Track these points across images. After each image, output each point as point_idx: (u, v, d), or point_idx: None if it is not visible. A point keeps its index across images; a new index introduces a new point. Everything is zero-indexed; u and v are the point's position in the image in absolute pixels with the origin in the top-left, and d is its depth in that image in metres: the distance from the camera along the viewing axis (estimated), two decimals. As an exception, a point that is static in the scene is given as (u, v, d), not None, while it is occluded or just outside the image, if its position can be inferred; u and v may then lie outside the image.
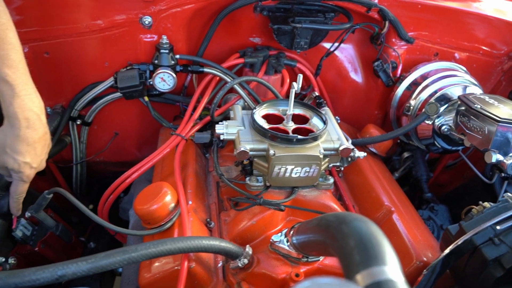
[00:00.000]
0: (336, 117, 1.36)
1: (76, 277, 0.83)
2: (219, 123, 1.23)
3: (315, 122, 1.26)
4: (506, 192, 1.06)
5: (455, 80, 1.47)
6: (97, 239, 1.73)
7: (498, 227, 0.91)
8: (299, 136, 1.14)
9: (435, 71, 1.54)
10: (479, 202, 0.99)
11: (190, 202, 1.18)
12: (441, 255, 0.92)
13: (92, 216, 1.12)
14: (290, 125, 1.23)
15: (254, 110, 1.24)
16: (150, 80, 1.44)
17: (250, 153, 1.14)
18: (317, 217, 0.86)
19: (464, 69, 1.58)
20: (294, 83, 1.15)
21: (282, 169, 1.14)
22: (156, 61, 1.41)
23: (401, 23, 1.51)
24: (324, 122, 1.23)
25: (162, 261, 1.03)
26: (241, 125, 1.23)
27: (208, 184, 1.37)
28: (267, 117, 1.27)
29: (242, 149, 1.12)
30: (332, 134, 1.22)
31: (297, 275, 1.02)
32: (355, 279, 0.56)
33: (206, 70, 1.47)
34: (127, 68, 1.45)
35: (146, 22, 1.39)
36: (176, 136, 1.37)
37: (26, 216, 1.27)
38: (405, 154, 1.70)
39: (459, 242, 0.91)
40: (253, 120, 1.20)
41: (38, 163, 1.08)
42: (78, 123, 1.56)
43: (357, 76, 1.74)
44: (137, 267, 1.19)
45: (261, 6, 1.44)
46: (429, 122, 1.43)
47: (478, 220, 0.92)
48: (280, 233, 1.07)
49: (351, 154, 1.20)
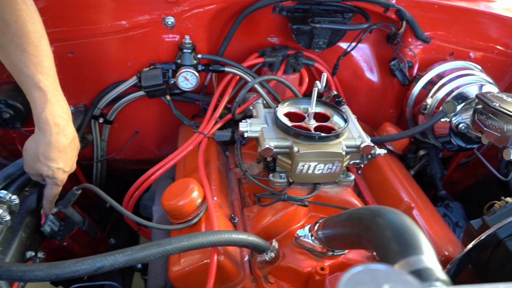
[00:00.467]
0: (353, 115, 1.38)
1: (112, 269, 0.86)
2: (242, 121, 1.25)
3: (336, 120, 1.29)
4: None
5: (471, 79, 1.49)
6: (117, 236, 1.76)
7: (522, 221, 0.94)
8: (322, 134, 1.17)
9: (451, 70, 1.56)
10: (501, 198, 1.01)
11: (215, 198, 1.21)
12: (465, 249, 0.95)
13: (123, 211, 1.16)
14: (312, 123, 1.26)
15: (276, 108, 1.27)
16: (172, 79, 1.47)
17: (274, 150, 1.17)
18: (345, 211, 0.89)
19: (480, 68, 1.60)
20: (317, 82, 1.18)
21: (306, 166, 1.16)
22: (178, 61, 1.44)
23: (418, 23, 1.53)
24: (345, 120, 1.26)
25: (191, 255, 1.06)
26: (264, 123, 1.25)
27: (230, 181, 1.40)
28: (289, 115, 1.29)
29: (266, 146, 1.15)
30: (353, 132, 1.25)
31: (322, 269, 1.04)
32: (394, 269, 0.59)
33: (227, 69, 1.50)
34: (150, 67, 1.48)
35: (169, 23, 1.42)
36: (198, 134, 1.40)
37: (53, 212, 1.30)
38: (421, 152, 1.72)
39: (483, 236, 0.93)
40: (276, 118, 1.23)
41: (70, 167, 1.12)
42: (100, 121, 1.60)
43: (372, 75, 1.77)
44: (163, 262, 1.22)
45: (280, 6, 1.47)
46: (444, 120, 1.45)
47: (502, 215, 0.95)
48: (304, 228, 1.10)
49: (372, 151, 1.23)
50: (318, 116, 1.30)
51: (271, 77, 1.47)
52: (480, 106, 1.34)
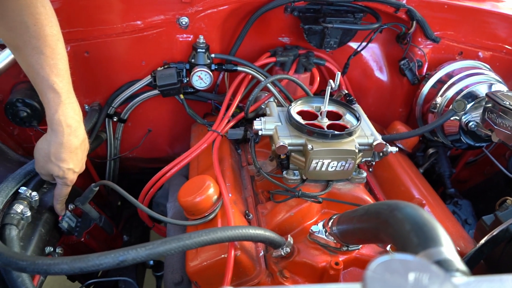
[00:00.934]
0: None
1: (134, 263, 0.89)
2: (256, 119, 1.28)
3: (349, 118, 1.31)
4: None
5: (480, 78, 1.51)
6: (129, 233, 1.79)
7: (534, 217, 0.96)
8: (335, 132, 1.19)
9: (460, 69, 1.58)
10: (513, 194, 1.03)
11: (230, 195, 1.23)
12: (478, 244, 0.97)
13: (142, 208, 1.18)
14: (325, 121, 1.28)
15: (289, 107, 1.29)
16: (186, 78, 1.50)
17: (288, 147, 1.19)
18: (361, 206, 0.91)
19: (488, 67, 1.62)
20: (330, 80, 1.20)
21: (319, 163, 1.18)
22: (193, 60, 1.47)
23: (428, 23, 1.55)
24: (357, 119, 1.28)
25: (208, 251, 1.08)
26: (278, 121, 1.27)
27: (243, 178, 1.43)
28: (302, 114, 1.31)
29: (281, 143, 1.17)
30: (365, 130, 1.27)
31: (336, 264, 1.06)
32: (414, 261, 0.61)
33: (239, 68, 1.53)
34: (165, 66, 1.50)
35: (183, 23, 1.44)
36: (212, 132, 1.43)
37: (70, 208, 1.33)
38: (430, 151, 1.74)
39: (496, 232, 0.95)
40: (290, 116, 1.25)
41: (79, 168, 1.15)
42: (114, 120, 1.62)
43: (382, 75, 1.79)
44: (180, 257, 1.24)
45: (292, 7, 1.49)
46: (454, 119, 1.47)
47: (514, 210, 0.97)
48: (318, 224, 1.12)
49: (384, 149, 1.25)
50: (330, 115, 1.32)
51: (284, 76, 1.49)
52: (490, 104, 1.36)
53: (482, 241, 0.96)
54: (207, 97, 1.64)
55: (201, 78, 1.48)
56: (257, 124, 1.25)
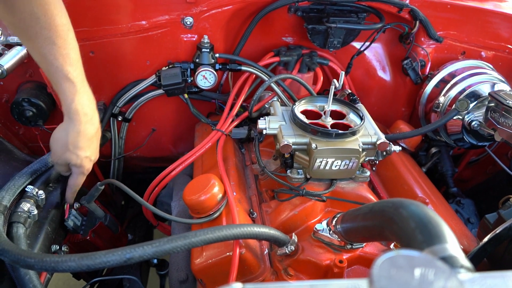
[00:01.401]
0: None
1: (141, 260, 0.89)
2: (260, 118, 1.28)
3: (352, 117, 1.32)
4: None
5: (483, 78, 1.52)
6: (133, 232, 1.80)
7: (537, 215, 0.97)
8: (339, 131, 1.20)
9: (463, 69, 1.59)
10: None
11: (234, 193, 1.24)
12: (482, 242, 0.98)
13: (149, 206, 1.19)
14: (329, 121, 1.29)
15: (294, 106, 1.30)
16: (190, 78, 1.51)
17: (293, 146, 1.20)
18: (366, 204, 0.91)
19: (491, 66, 1.63)
20: (334, 80, 1.21)
21: (323, 162, 1.19)
22: (197, 60, 1.48)
23: (431, 22, 1.56)
24: (361, 118, 1.29)
25: (213, 249, 1.09)
26: (282, 120, 1.28)
27: (247, 177, 1.44)
28: (306, 113, 1.32)
29: (285, 142, 1.18)
30: (369, 129, 1.28)
31: (340, 262, 1.07)
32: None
33: (243, 68, 1.54)
34: (169, 66, 1.51)
35: (188, 23, 1.45)
36: (216, 131, 1.44)
37: (75, 207, 1.34)
38: (433, 150, 1.75)
39: (499, 230, 0.96)
40: (294, 115, 1.26)
41: (95, 155, 1.16)
42: (119, 119, 1.63)
43: (385, 74, 1.79)
44: (185, 255, 1.25)
45: (296, 7, 1.50)
46: (457, 118, 1.48)
47: (517, 209, 0.97)
48: (322, 222, 1.13)
49: (387, 148, 1.26)
50: (334, 114, 1.33)
51: (288, 75, 1.50)
52: (493, 104, 1.36)
53: (485, 239, 0.97)
54: (211, 96, 1.65)
55: (206, 78, 1.49)
56: (261, 123, 1.26)
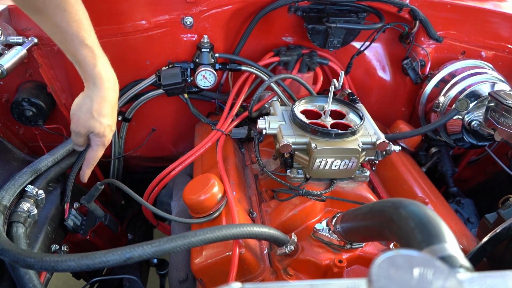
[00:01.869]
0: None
1: (140, 260, 0.89)
2: (260, 118, 1.28)
3: (352, 117, 1.32)
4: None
5: (483, 77, 1.52)
6: (133, 232, 1.80)
7: (536, 215, 0.97)
8: (339, 131, 1.20)
9: (463, 68, 1.59)
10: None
11: (234, 193, 1.24)
12: (481, 242, 0.98)
13: (149, 206, 1.19)
14: (328, 120, 1.29)
15: (293, 106, 1.30)
16: (190, 78, 1.51)
17: (292, 146, 1.20)
18: (365, 204, 0.91)
19: (491, 66, 1.63)
20: (334, 80, 1.21)
21: (323, 162, 1.19)
22: (197, 60, 1.48)
23: (431, 22, 1.56)
24: (361, 118, 1.29)
25: (213, 248, 1.09)
26: (282, 120, 1.28)
27: (247, 177, 1.44)
28: (305, 113, 1.32)
29: (285, 142, 1.18)
30: (368, 129, 1.28)
31: (340, 261, 1.07)
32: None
33: (243, 68, 1.53)
34: (169, 66, 1.51)
35: (188, 22, 1.45)
36: (216, 131, 1.44)
37: (75, 207, 1.34)
38: (433, 150, 1.75)
39: (499, 230, 0.96)
40: (293, 115, 1.26)
41: (115, 126, 1.16)
42: (119, 119, 1.63)
43: (385, 74, 1.79)
44: (184, 255, 1.25)
45: (295, 6, 1.50)
46: (457, 118, 1.48)
47: (517, 208, 0.97)
48: (322, 222, 1.13)
49: (387, 148, 1.26)
50: (334, 114, 1.33)
51: (288, 75, 1.50)
52: (493, 103, 1.36)
53: (485, 238, 0.97)
54: (211, 96, 1.65)
55: (206, 78, 1.49)
56: (261, 123, 1.26)
